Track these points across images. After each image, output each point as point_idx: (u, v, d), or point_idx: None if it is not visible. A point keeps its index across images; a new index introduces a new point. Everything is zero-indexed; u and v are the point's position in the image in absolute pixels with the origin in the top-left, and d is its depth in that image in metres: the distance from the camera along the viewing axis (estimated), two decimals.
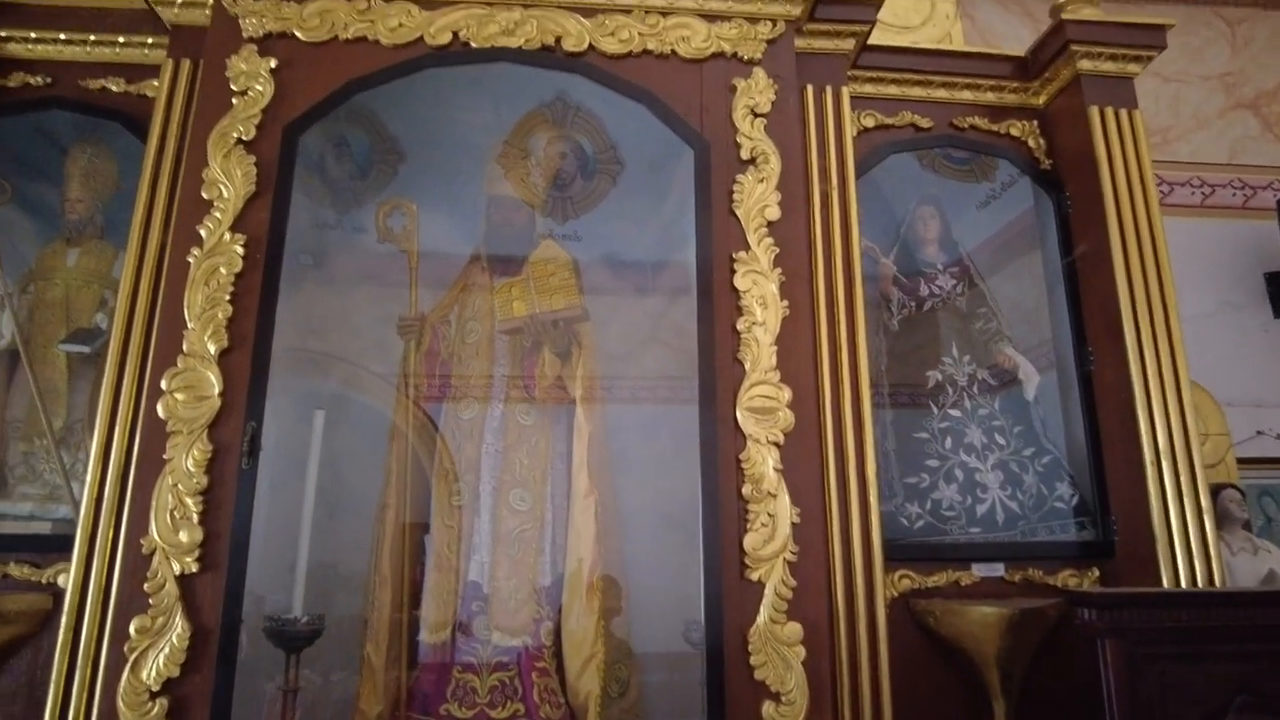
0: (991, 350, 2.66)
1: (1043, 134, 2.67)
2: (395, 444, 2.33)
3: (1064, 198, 2.58)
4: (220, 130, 2.07)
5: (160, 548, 1.82)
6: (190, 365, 1.91)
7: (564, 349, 2.31)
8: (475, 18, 2.18)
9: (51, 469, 2.32)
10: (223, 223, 2.00)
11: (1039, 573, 2.29)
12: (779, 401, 1.95)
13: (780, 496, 1.90)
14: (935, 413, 2.56)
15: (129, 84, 2.47)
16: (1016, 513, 2.44)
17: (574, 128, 2.61)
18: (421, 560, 2.23)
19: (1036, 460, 2.50)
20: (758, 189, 2.10)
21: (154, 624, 1.78)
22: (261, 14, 2.17)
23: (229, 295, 1.95)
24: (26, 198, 2.60)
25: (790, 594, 1.87)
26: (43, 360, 2.40)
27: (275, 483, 2.00)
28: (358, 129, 2.60)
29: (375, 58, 2.15)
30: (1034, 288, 2.74)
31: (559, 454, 2.32)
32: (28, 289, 2.48)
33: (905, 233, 2.79)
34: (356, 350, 2.60)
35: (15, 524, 2.25)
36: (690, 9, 2.24)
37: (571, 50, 2.18)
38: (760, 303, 2.02)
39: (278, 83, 2.11)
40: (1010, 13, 3.97)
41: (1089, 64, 2.49)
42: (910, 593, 2.28)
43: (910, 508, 2.45)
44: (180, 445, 1.87)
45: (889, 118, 2.61)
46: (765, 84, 2.19)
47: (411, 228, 2.38)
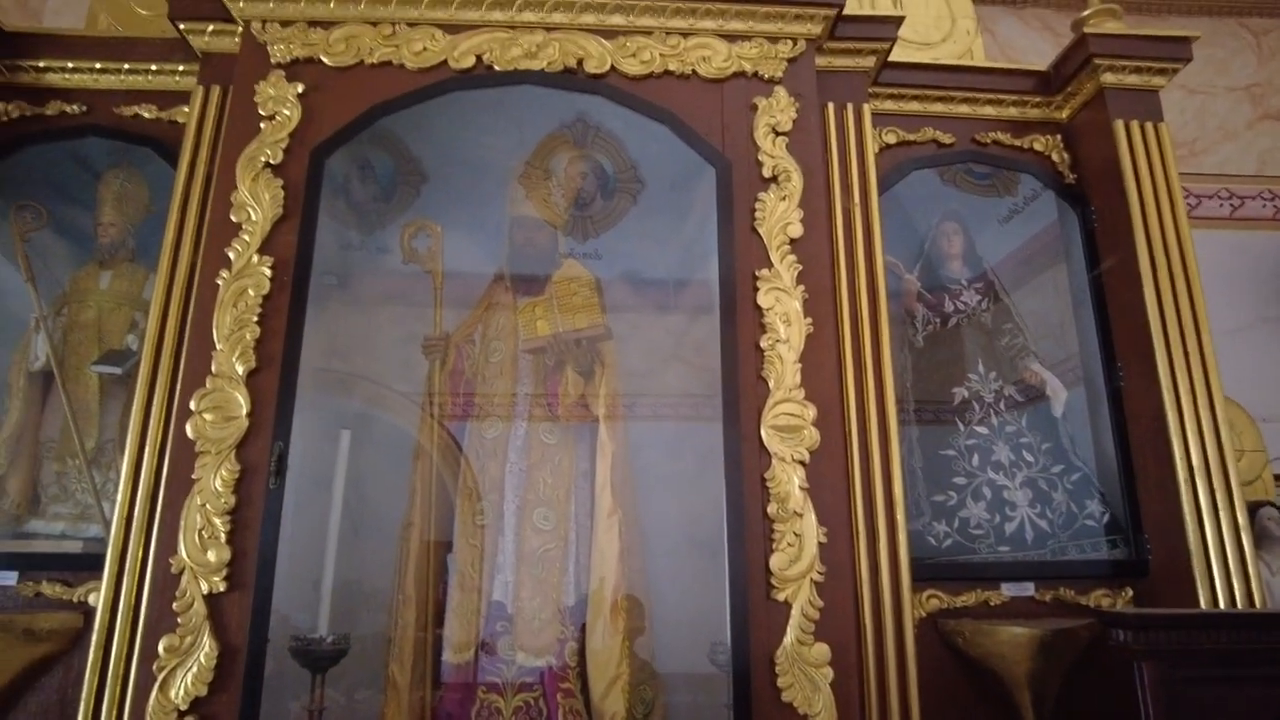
0: (1018, 366, 2.63)
1: (1066, 148, 2.64)
2: (420, 463, 2.34)
3: (1089, 212, 2.55)
4: (248, 154, 2.11)
5: (189, 567, 1.83)
6: (219, 386, 1.94)
7: (587, 368, 2.32)
8: (498, 41, 2.21)
9: (83, 488, 2.35)
10: (251, 245, 2.03)
11: (1070, 592, 2.25)
12: (804, 419, 1.94)
13: (806, 516, 1.89)
14: (962, 430, 2.53)
15: (161, 110, 2.52)
16: (1046, 531, 2.40)
17: (594, 148, 2.63)
18: (445, 579, 2.23)
19: (1066, 477, 2.46)
20: (780, 206, 2.10)
21: (182, 643, 1.80)
22: (289, 40, 2.22)
23: (257, 317, 1.98)
24: (61, 222, 2.65)
25: (817, 615, 1.85)
26: (75, 381, 2.44)
27: (300, 501, 2.01)
28: (382, 151, 2.64)
29: (400, 81, 2.19)
30: (1059, 303, 2.71)
31: (582, 472, 2.32)
32: (62, 311, 2.53)
33: (929, 248, 2.77)
34: (380, 370, 2.63)
35: (48, 543, 2.28)
36: (711, 29, 2.26)
37: (593, 72, 2.21)
38: (784, 320, 2.01)
39: (305, 107, 2.15)
40: (1030, 27, 3.95)
41: (1113, 77, 2.47)
42: (938, 613, 2.25)
43: (938, 526, 2.42)
44: (209, 465, 1.89)
45: (911, 134, 2.60)
46: (786, 102, 2.20)
47: (436, 249, 2.41)
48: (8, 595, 2.14)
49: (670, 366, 2.81)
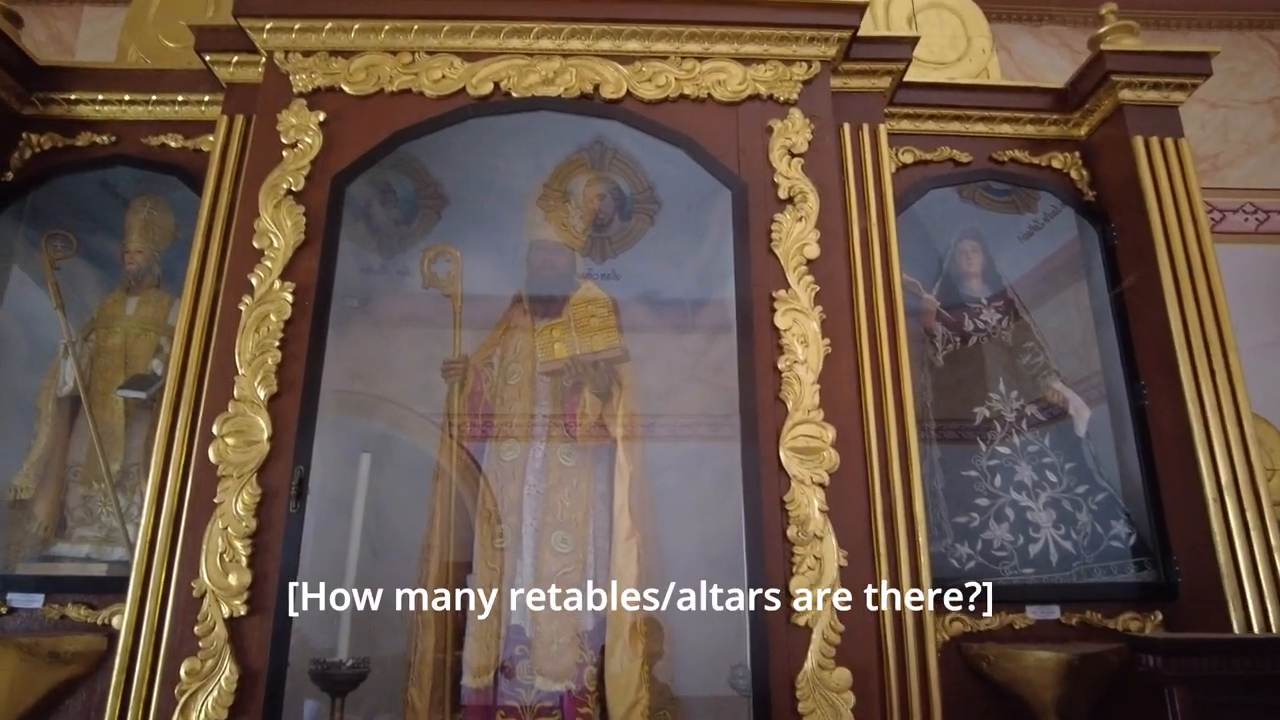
0: (1040, 385, 2.60)
1: (1085, 165, 2.63)
2: (439, 485, 2.35)
3: (1110, 229, 2.53)
4: (271, 182, 2.14)
5: (210, 590, 1.85)
6: (240, 410, 1.96)
7: (604, 389, 2.32)
8: (516, 68, 2.24)
9: (109, 511, 2.38)
10: (273, 271, 2.06)
11: (1098, 616, 2.21)
12: (823, 441, 1.93)
13: (827, 539, 1.87)
14: (984, 450, 2.50)
15: (186, 140, 2.57)
16: (1071, 553, 2.36)
17: (612, 170, 2.65)
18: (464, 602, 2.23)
19: (1090, 498, 2.42)
20: (796, 227, 2.10)
21: (203, 666, 1.80)
22: (311, 70, 2.26)
23: (278, 341, 2.00)
24: (90, 250, 2.71)
25: (839, 639, 1.83)
26: (102, 406, 2.48)
27: (320, 524, 2.03)
28: (402, 175, 2.67)
29: (419, 109, 2.22)
30: (1080, 320, 2.68)
31: (600, 495, 2.32)
32: (90, 337, 2.57)
33: (948, 267, 2.76)
34: (400, 392, 2.65)
35: (73, 565, 2.31)
36: (726, 53, 2.27)
37: (610, 97, 2.23)
38: (801, 341, 2.00)
39: (326, 135, 2.19)
40: (1047, 45, 3.94)
41: (1131, 94, 2.46)
42: (962, 636, 2.21)
43: (960, 548, 2.39)
44: (230, 489, 1.91)
45: (927, 153, 2.60)
46: (802, 124, 2.20)
47: (455, 273, 2.43)
48: (34, 618, 2.16)
49: (688, 386, 2.80)
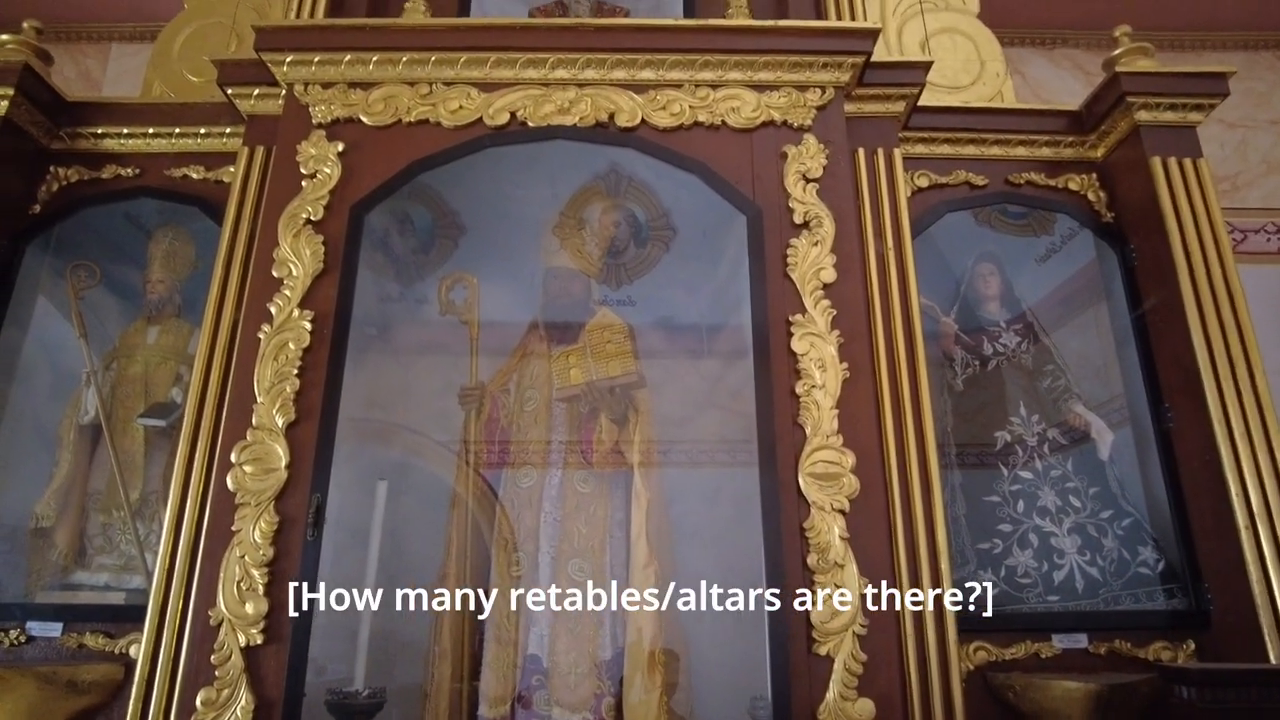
0: (1061, 408, 2.56)
1: (1103, 187, 2.61)
2: (456, 513, 2.34)
3: (1129, 250, 2.51)
4: (290, 211, 2.17)
5: (227, 619, 1.84)
6: (259, 438, 1.96)
7: (620, 415, 2.31)
8: (531, 98, 2.27)
9: (127, 539, 2.39)
10: (292, 300, 2.08)
11: (1127, 645, 2.15)
12: (843, 466, 1.91)
13: (848, 566, 1.85)
14: (1005, 474, 2.47)
15: (208, 171, 2.61)
16: (1097, 579, 2.31)
17: (627, 197, 2.67)
18: (480, 632, 2.21)
19: (1116, 523, 2.37)
20: (812, 252, 2.10)
21: (219, 696, 1.80)
22: (330, 101, 2.29)
23: (297, 370, 2.01)
24: (112, 280, 2.74)
25: (861, 669, 1.79)
26: (122, 434, 2.50)
27: (336, 551, 2.02)
28: (420, 205, 2.70)
29: (437, 139, 2.24)
30: (1100, 342, 2.65)
31: (617, 522, 2.30)
32: (111, 366, 2.60)
33: (965, 290, 2.74)
34: (418, 419, 2.65)
35: (92, 594, 2.31)
36: (739, 80, 2.29)
37: (625, 125, 2.24)
38: (819, 365, 1.99)
39: (345, 165, 2.22)
40: (1061, 68, 3.95)
41: (1148, 115, 2.45)
42: (987, 666, 2.17)
43: (984, 575, 2.34)
44: (248, 517, 1.91)
45: (943, 177, 2.59)
46: (816, 149, 2.21)
47: (473, 300, 2.44)
48: (53, 647, 2.17)
49: (705, 412, 2.79)
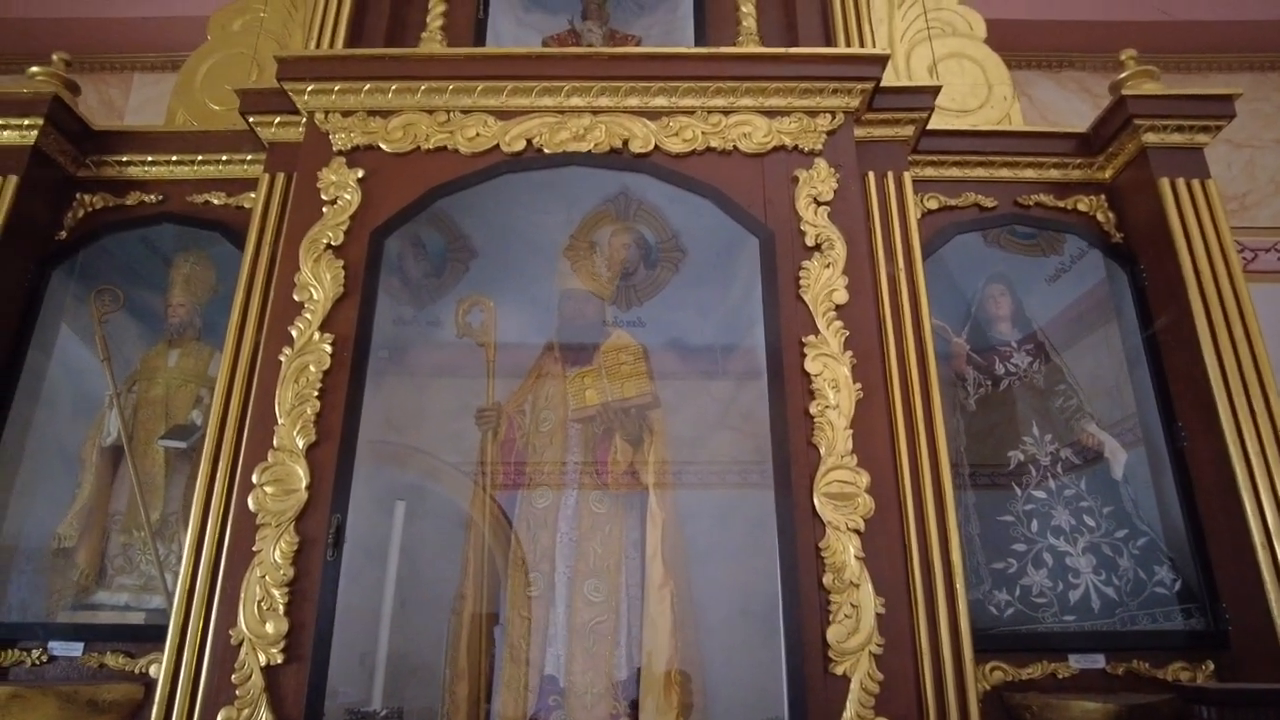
0: (1074, 428, 2.57)
1: (1111, 208, 2.64)
2: (472, 534, 2.36)
3: (1139, 271, 2.52)
4: (311, 237, 2.21)
5: (247, 639, 1.86)
6: (280, 459, 1.99)
7: (636, 436, 2.33)
8: (547, 125, 2.31)
9: (148, 560, 2.41)
10: (312, 323, 2.11)
11: (1145, 665, 2.14)
12: (858, 486, 1.92)
13: (863, 586, 1.85)
14: (1019, 494, 2.47)
15: (229, 197, 2.67)
16: (1113, 599, 2.30)
17: (637, 220, 2.70)
18: (495, 652, 2.22)
19: (1131, 542, 2.37)
20: (824, 274, 2.12)
21: (240, 715, 1.81)
22: (350, 129, 2.35)
23: (317, 392, 2.04)
24: (134, 304, 2.79)
25: (878, 689, 1.80)
26: (143, 455, 2.53)
27: (352, 573, 2.03)
28: (433, 230, 2.74)
29: (455, 166, 2.29)
30: (1111, 362, 2.66)
31: (632, 542, 2.31)
32: (132, 389, 2.64)
33: (976, 311, 2.76)
34: (431, 441, 2.67)
35: (112, 614, 2.33)
36: (751, 106, 2.33)
37: (638, 151, 2.28)
38: (832, 386, 2.01)
39: (364, 191, 2.26)
40: (1068, 90, 3.98)
41: (1155, 137, 2.47)
42: (1003, 686, 2.16)
43: (998, 595, 2.35)
44: (269, 537, 1.93)
45: (952, 199, 2.62)
46: (827, 173, 2.24)
47: (489, 322, 2.48)
48: (74, 666, 2.19)
49: (717, 434, 2.80)
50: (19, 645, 2.19)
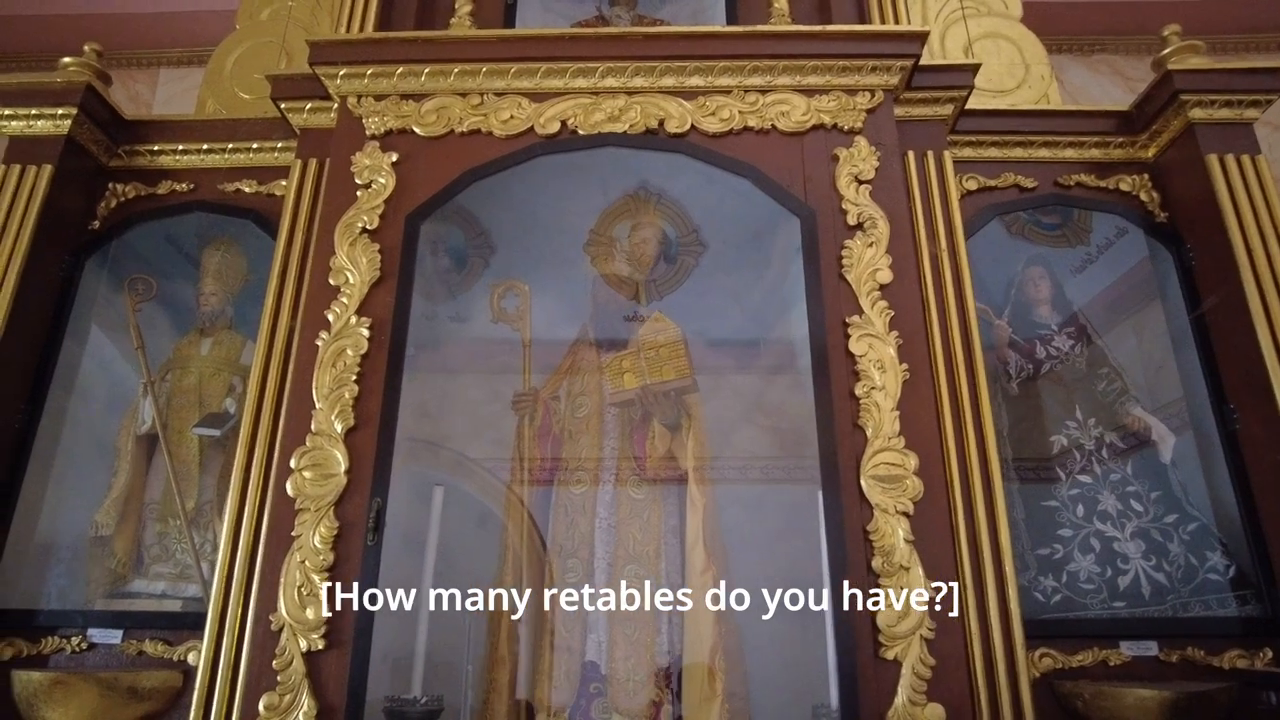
0: (1118, 412, 2.51)
1: (1155, 187, 2.58)
2: (510, 521, 2.33)
3: (1185, 250, 2.47)
4: (346, 221, 2.19)
5: (288, 624, 1.84)
6: (318, 444, 1.98)
7: (673, 421, 2.30)
8: (582, 106, 2.28)
9: (183, 548, 2.40)
10: (349, 307, 2.10)
11: (1200, 652, 2.09)
12: (905, 469, 1.88)
13: (913, 569, 1.81)
14: (1064, 479, 2.42)
15: (260, 185, 2.65)
16: (1164, 585, 2.25)
17: (657, 213, 2.66)
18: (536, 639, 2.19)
19: (1181, 527, 2.31)
20: (867, 253, 2.09)
21: (281, 701, 1.80)
22: (383, 113, 2.33)
23: (355, 376, 2.03)
24: (164, 294, 2.79)
25: (929, 673, 1.76)
26: (178, 444, 2.52)
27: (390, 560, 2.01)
28: (452, 224, 2.71)
29: (489, 148, 2.27)
30: (1144, 347, 2.61)
31: (671, 529, 2.28)
32: (166, 377, 2.63)
33: (1015, 295, 2.71)
34: (452, 435, 2.64)
35: (149, 602, 2.33)
36: (788, 85, 2.29)
37: (674, 131, 2.25)
38: (878, 366, 1.97)
39: (398, 175, 2.24)
40: (1099, 73, 3.92)
41: (1202, 112, 2.42)
42: (1053, 673, 2.11)
43: (1045, 581, 2.30)
44: (308, 522, 1.92)
45: (991, 179, 2.57)
46: (868, 152, 2.20)
47: (524, 308, 2.45)
48: (113, 653, 2.18)
49: (739, 429, 2.77)
50: (59, 632, 2.19)
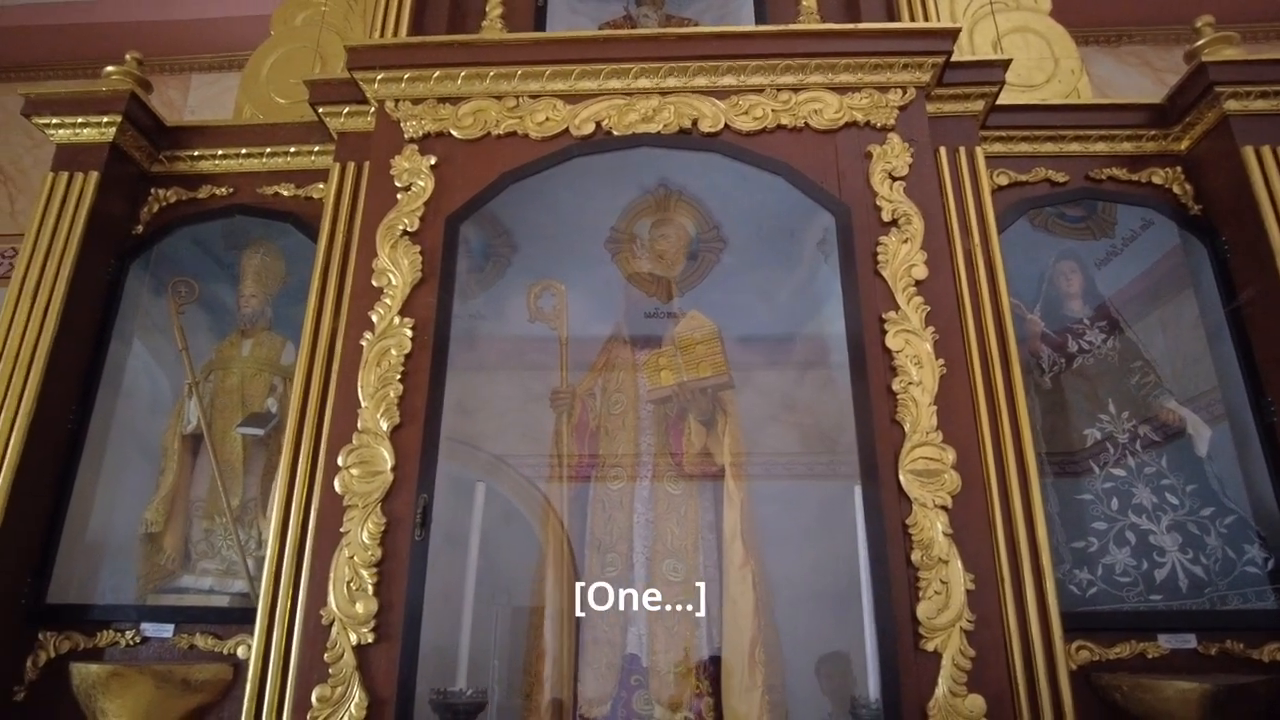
0: (1151, 404, 2.51)
1: (1188, 180, 2.57)
2: (549, 516, 2.37)
3: (1220, 243, 2.46)
4: (387, 223, 2.24)
5: (338, 618, 1.89)
6: (364, 442, 2.02)
7: (709, 417, 2.33)
8: (616, 108, 2.31)
9: (229, 545, 2.46)
10: (392, 308, 2.14)
11: (1239, 645, 2.09)
12: (943, 463, 1.90)
13: (952, 562, 1.83)
14: (1097, 473, 2.43)
15: (298, 188, 2.71)
16: (1201, 578, 2.25)
17: (677, 211, 2.68)
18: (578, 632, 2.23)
19: (1218, 520, 2.31)
20: (903, 249, 2.10)
21: (334, 693, 1.84)
22: (421, 116, 2.37)
23: (399, 375, 2.07)
24: (205, 296, 2.85)
25: (969, 664, 1.78)
26: (221, 443, 2.58)
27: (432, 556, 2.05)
28: (473, 225, 2.73)
29: (525, 150, 2.30)
30: (1176, 338, 2.60)
31: (707, 524, 2.31)
32: (209, 378, 2.69)
33: (1046, 289, 2.71)
34: (478, 435, 2.67)
35: (197, 597, 2.38)
36: (820, 83, 2.31)
37: (708, 131, 2.27)
38: (915, 362, 1.99)
39: (437, 178, 2.28)
40: (1128, 65, 3.89)
41: (1237, 104, 2.41)
42: (1090, 666, 2.12)
43: (1079, 574, 2.31)
44: (356, 519, 1.96)
45: (1022, 175, 2.57)
46: (901, 148, 2.22)
47: (560, 306, 2.48)
48: (165, 647, 2.24)
49: (763, 427, 2.78)
50: (113, 626, 2.25)
